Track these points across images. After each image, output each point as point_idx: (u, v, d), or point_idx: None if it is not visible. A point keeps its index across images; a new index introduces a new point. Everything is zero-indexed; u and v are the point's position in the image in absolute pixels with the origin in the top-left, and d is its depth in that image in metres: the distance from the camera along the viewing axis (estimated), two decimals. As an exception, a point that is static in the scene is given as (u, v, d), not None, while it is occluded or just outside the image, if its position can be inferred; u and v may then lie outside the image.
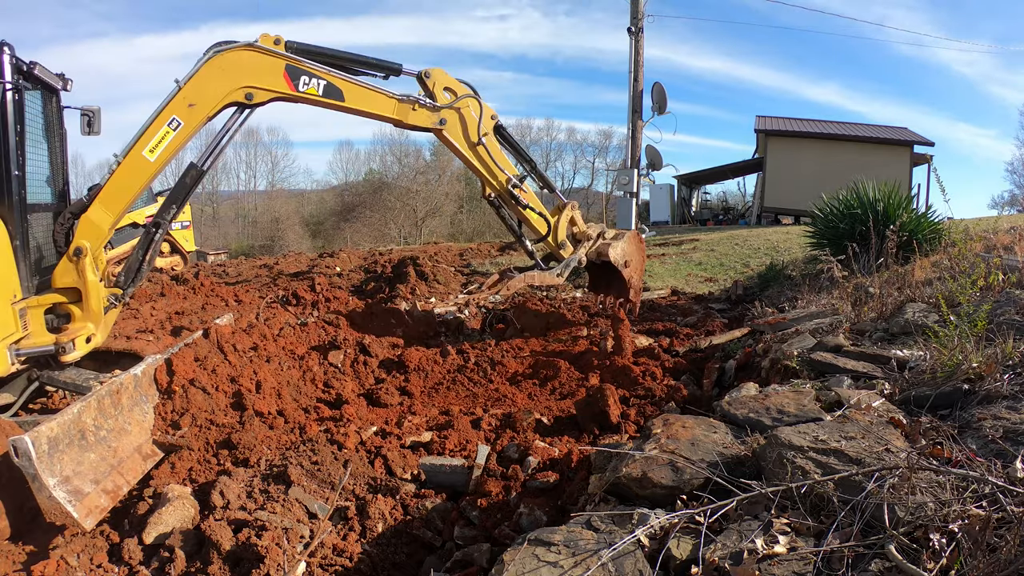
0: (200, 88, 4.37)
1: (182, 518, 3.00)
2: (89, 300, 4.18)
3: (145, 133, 4.25)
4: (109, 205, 4.24)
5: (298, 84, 4.71)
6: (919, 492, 1.97)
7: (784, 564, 1.86)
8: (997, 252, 6.94)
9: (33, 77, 4.06)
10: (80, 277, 4.14)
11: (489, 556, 2.73)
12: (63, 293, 4.16)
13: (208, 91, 4.40)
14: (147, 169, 4.28)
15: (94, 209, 4.20)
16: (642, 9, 12.86)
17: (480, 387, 5.52)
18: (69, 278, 4.14)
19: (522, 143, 6.23)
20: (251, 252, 30.18)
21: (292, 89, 4.69)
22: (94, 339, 4.28)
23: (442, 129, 5.54)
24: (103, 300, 4.27)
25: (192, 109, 4.33)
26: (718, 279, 12.12)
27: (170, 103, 4.30)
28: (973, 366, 2.99)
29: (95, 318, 4.23)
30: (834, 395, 3.26)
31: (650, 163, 13.15)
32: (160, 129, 4.26)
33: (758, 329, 5.85)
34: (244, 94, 4.52)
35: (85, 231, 4.19)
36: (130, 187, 4.28)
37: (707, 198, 34.18)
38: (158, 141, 4.26)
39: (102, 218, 4.22)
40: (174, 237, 14.88)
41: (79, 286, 4.16)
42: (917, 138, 23.42)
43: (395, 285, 9.94)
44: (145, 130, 4.27)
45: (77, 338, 4.10)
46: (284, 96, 4.72)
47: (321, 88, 4.82)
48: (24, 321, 3.95)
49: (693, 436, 2.77)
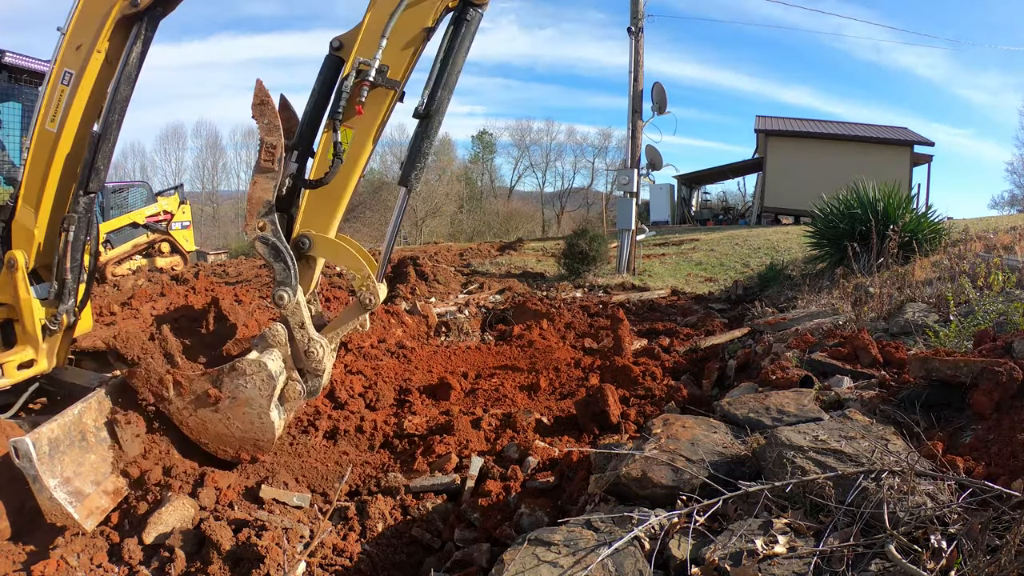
0: (81, 24, 3.42)
1: (182, 518, 3.00)
2: (23, 320, 3.57)
3: (44, 103, 3.47)
4: (31, 200, 3.53)
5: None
6: (918, 493, 1.97)
7: (784, 564, 1.86)
8: (997, 252, 6.94)
9: (5, 67, 3.57)
10: (13, 293, 3.52)
11: (489, 556, 2.73)
12: (7, 310, 3.59)
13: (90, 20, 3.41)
14: (51, 142, 3.48)
15: (20, 210, 3.56)
16: (642, 9, 12.85)
17: (481, 387, 5.52)
18: (6, 294, 3.55)
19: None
20: (251, 252, 30.14)
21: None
22: (36, 365, 3.68)
23: None
24: (39, 320, 3.63)
25: (80, 51, 3.40)
26: (718, 279, 12.12)
27: (59, 57, 3.44)
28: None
29: (31, 341, 3.61)
30: (834, 395, 3.27)
31: (650, 163, 13.14)
32: (55, 91, 3.43)
33: (758, 329, 5.86)
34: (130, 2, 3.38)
35: (17, 238, 3.56)
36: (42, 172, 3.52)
37: (707, 198, 34.20)
38: (55, 106, 3.44)
39: (28, 218, 3.55)
40: (174, 237, 14.89)
41: (12, 303, 3.56)
42: (917, 138, 23.44)
43: (395, 285, 9.94)
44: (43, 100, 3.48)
45: (8, 363, 3.54)
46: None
47: None
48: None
49: (693, 436, 2.77)
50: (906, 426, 2.62)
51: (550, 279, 12.04)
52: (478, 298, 9.73)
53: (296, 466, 3.68)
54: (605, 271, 12.48)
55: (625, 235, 12.75)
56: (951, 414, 2.81)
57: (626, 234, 12.74)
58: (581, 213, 44.15)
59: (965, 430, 2.61)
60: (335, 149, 3.16)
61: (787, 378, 3.70)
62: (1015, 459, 2.20)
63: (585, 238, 12.05)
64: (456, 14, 3.23)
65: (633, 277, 12.10)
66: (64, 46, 3.39)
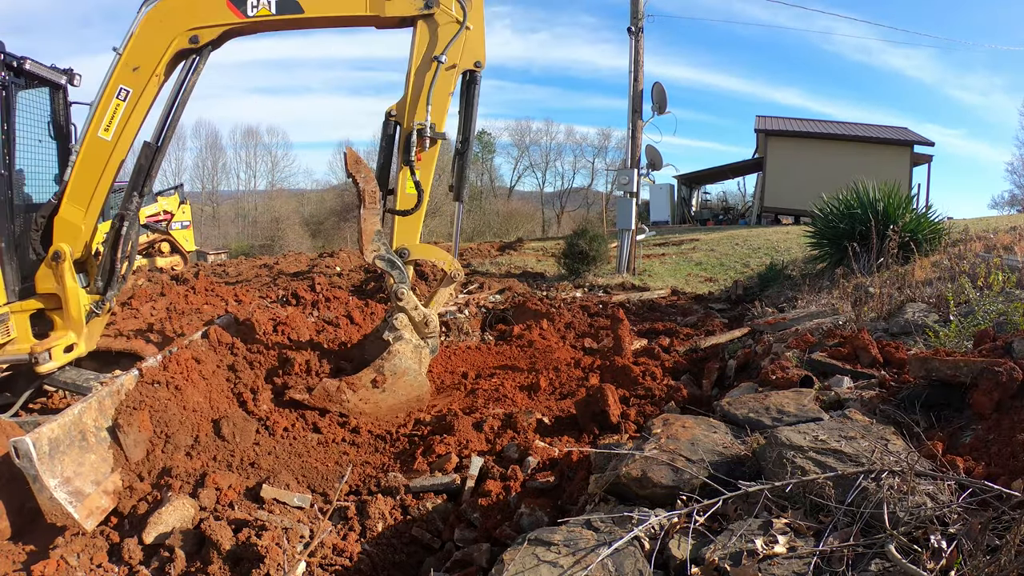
0: (140, 47, 3.91)
1: (182, 518, 3.00)
2: (69, 307, 3.92)
3: (96, 113, 3.89)
4: (78, 200, 3.92)
5: (245, 8, 4.11)
6: (918, 493, 1.97)
7: (784, 564, 1.86)
8: (997, 252, 6.94)
9: (26, 73, 3.87)
10: (59, 283, 3.87)
11: (489, 556, 2.73)
12: (45, 299, 3.93)
13: (149, 47, 3.91)
14: (106, 150, 3.91)
15: (65, 207, 3.90)
16: (642, 9, 12.84)
17: (481, 387, 5.51)
18: (49, 283, 3.89)
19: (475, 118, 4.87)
20: (251, 252, 30.16)
21: (240, 16, 4.10)
22: (76, 349, 4.02)
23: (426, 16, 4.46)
24: (84, 307, 3.99)
25: (138, 73, 3.90)
26: (718, 279, 12.12)
27: (114, 73, 3.89)
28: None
29: (76, 326, 3.97)
30: (834, 395, 3.27)
31: (650, 163, 13.13)
32: (110, 104, 3.88)
33: (758, 329, 5.85)
34: (188, 38, 3.99)
35: (62, 233, 3.92)
36: (94, 175, 3.92)
37: (707, 198, 34.18)
38: (110, 117, 3.88)
39: (75, 215, 3.92)
40: (174, 237, 14.89)
41: (58, 292, 3.90)
42: (917, 138, 23.42)
43: (395, 285, 9.93)
44: (96, 110, 3.90)
45: (54, 347, 3.85)
46: (234, 28, 4.16)
47: (273, 5, 4.18)
48: (7, 327, 3.78)
49: (693, 436, 2.77)
50: (906, 426, 2.62)
51: (550, 279, 12.04)
52: (478, 298, 9.73)
53: (297, 466, 3.68)
54: (605, 271, 12.48)
55: (625, 235, 12.75)
56: (951, 414, 2.80)
57: (626, 234, 12.74)
58: (581, 213, 44.12)
59: (965, 430, 2.61)
60: (416, 187, 4.55)
61: (787, 378, 3.70)
62: (1015, 459, 2.19)
63: (585, 238, 12.05)
64: (467, 76, 4.72)
65: (633, 277, 12.10)
66: (120, 65, 3.89)
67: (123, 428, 3.29)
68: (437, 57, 4.44)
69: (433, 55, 4.46)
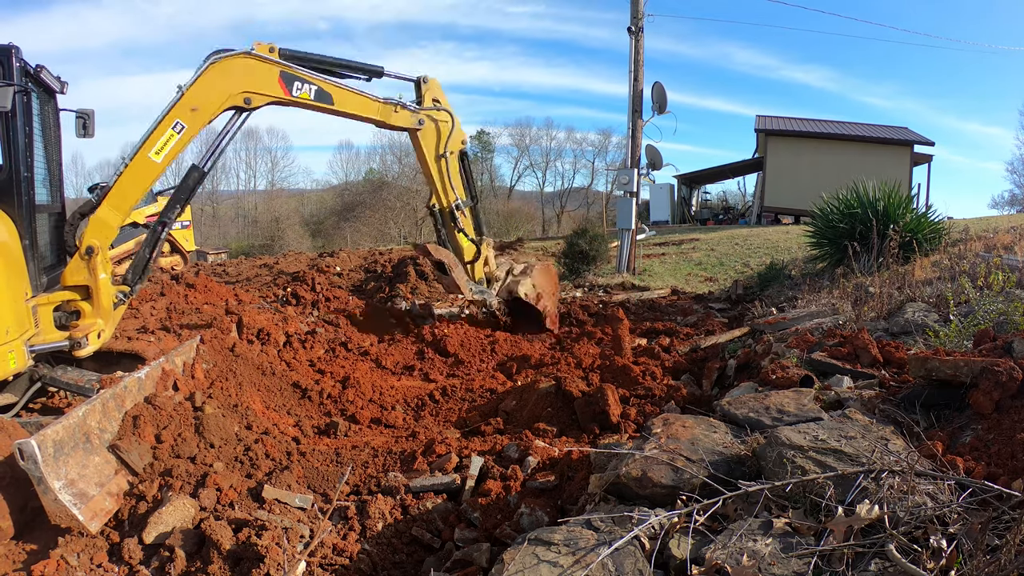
0: (202, 93, 4.62)
1: (182, 517, 3.00)
2: (100, 297, 4.31)
3: (151, 136, 4.46)
4: (118, 205, 4.41)
5: (292, 89, 5.06)
6: (918, 493, 1.97)
7: (784, 563, 1.86)
8: (997, 252, 6.94)
9: (38, 80, 4.12)
10: (92, 275, 4.28)
11: (489, 556, 2.73)
12: (73, 291, 4.28)
13: (210, 96, 4.65)
14: (153, 170, 4.50)
15: (104, 209, 4.36)
16: (642, 9, 12.84)
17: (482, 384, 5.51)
18: (80, 276, 4.28)
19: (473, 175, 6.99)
20: (251, 252, 30.16)
21: (287, 94, 5.02)
22: (103, 335, 4.41)
23: (419, 131, 6.06)
24: (112, 297, 4.42)
25: (195, 113, 4.58)
26: (718, 279, 12.12)
27: (174, 108, 4.51)
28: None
29: (105, 314, 4.37)
30: (834, 395, 3.27)
31: (650, 163, 13.13)
32: (165, 132, 4.47)
33: (758, 329, 5.85)
34: (243, 98, 4.80)
35: (96, 231, 4.33)
36: (137, 187, 4.47)
37: (707, 198, 34.19)
38: (163, 144, 4.47)
39: (111, 217, 4.39)
40: (174, 237, 14.88)
41: (90, 284, 4.29)
42: (917, 138, 23.41)
43: (395, 285, 9.93)
44: (151, 134, 4.46)
45: (90, 333, 4.23)
46: (279, 100, 5.03)
47: (313, 93, 5.17)
48: (36, 319, 4.03)
49: (693, 436, 2.77)
50: (906, 426, 2.62)
51: (550, 279, 12.03)
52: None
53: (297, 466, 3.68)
54: (605, 271, 12.48)
55: (625, 235, 12.75)
56: (951, 414, 2.80)
57: (626, 234, 12.74)
58: (581, 213, 44.11)
59: (965, 430, 2.61)
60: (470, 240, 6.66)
61: (787, 378, 3.70)
62: (1015, 459, 2.20)
63: (585, 238, 12.06)
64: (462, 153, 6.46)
65: (633, 277, 12.10)
66: (181, 103, 4.55)
67: (123, 448, 3.30)
68: (443, 155, 6.20)
69: (438, 154, 6.20)
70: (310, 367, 5.79)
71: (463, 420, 4.76)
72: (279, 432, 4.20)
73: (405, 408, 5.13)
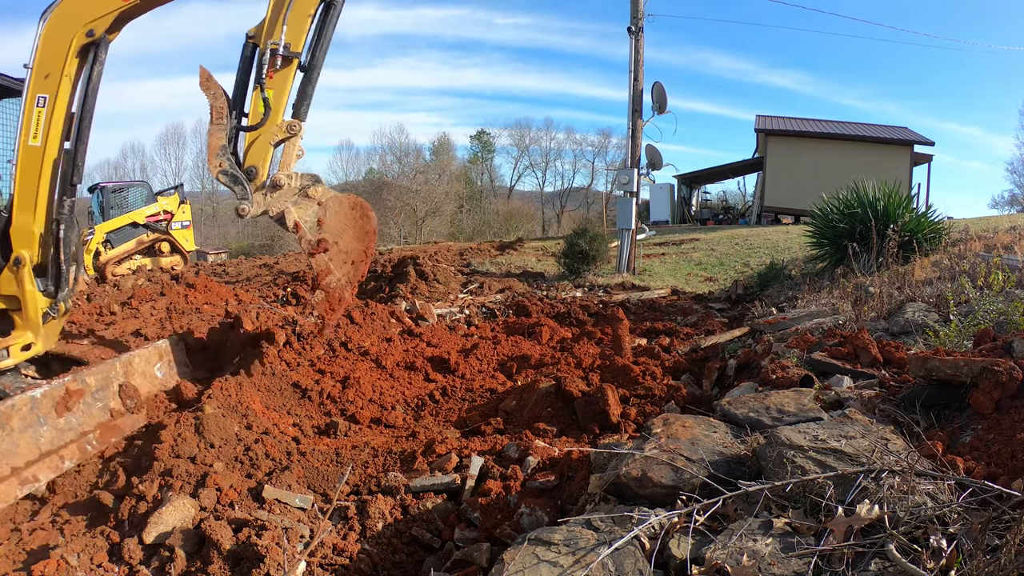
0: (46, 56, 4.21)
1: (182, 517, 3.00)
2: (27, 310, 4.19)
3: (23, 125, 4.20)
4: (26, 207, 4.21)
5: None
6: (918, 492, 1.97)
7: (784, 563, 1.86)
8: (997, 252, 6.94)
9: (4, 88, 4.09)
10: (19, 287, 4.16)
11: (489, 556, 2.73)
12: (5, 301, 4.19)
13: (53, 53, 4.21)
14: (38, 155, 4.19)
15: (16, 216, 4.21)
16: (642, 9, 12.84)
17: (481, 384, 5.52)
18: (11, 287, 4.17)
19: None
20: (251, 252, 30.16)
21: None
22: (33, 348, 4.29)
23: None
24: (40, 310, 4.26)
25: (50, 78, 4.20)
26: (718, 279, 12.12)
27: (30, 87, 4.19)
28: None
29: (33, 328, 4.25)
30: (834, 395, 3.27)
31: (650, 163, 13.14)
32: (32, 113, 4.18)
33: (758, 328, 5.86)
34: (85, 33, 4.25)
35: (19, 240, 4.19)
36: (34, 180, 4.20)
37: (707, 198, 34.21)
38: (36, 125, 4.18)
39: (26, 221, 4.21)
40: (174, 237, 14.89)
41: (18, 295, 4.18)
42: (917, 138, 23.43)
43: (395, 284, 9.94)
44: (22, 122, 4.20)
45: (12, 346, 4.12)
46: (124, 10, 4.35)
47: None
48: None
49: (693, 436, 2.77)
50: (906, 426, 2.62)
51: (550, 279, 12.04)
52: (478, 298, 9.73)
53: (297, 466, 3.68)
54: (605, 271, 12.48)
55: (625, 235, 12.75)
56: (951, 414, 2.80)
57: (626, 234, 12.74)
58: (581, 213, 44.15)
59: (965, 430, 2.61)
60: (264, 103, 4.39)
61: (787, 378, 3.70)
62: (1015, 459, 2.20)
63: (585, 238, 12.05)
64: (327, 2, 4.54)
65: (633, 277, 12.10)
66: (34, 77, 4.14)
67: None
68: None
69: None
70: (310, 367, 5.80)
71: (463, 420, 4.76)
72: (279, 432, 4.20)
73: (405, 408, 5.14)
